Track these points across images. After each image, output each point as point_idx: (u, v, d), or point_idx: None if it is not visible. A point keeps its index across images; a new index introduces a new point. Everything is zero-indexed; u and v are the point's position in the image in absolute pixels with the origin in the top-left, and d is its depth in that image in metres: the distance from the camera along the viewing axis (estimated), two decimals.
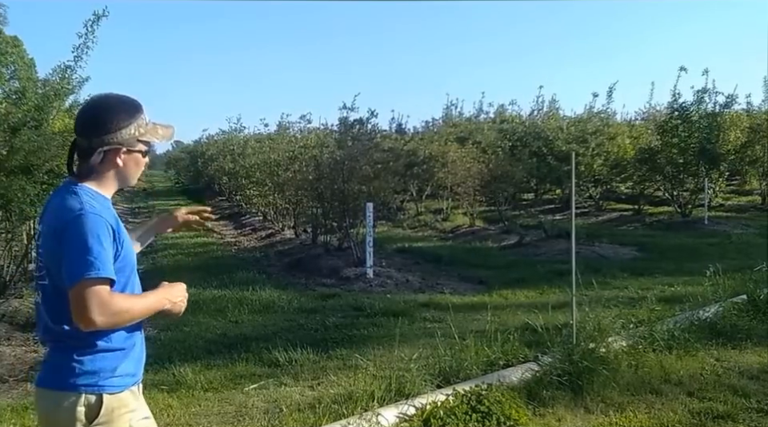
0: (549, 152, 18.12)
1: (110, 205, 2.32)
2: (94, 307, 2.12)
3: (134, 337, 2.34)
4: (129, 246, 2.32)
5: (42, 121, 8.40)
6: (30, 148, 7.83)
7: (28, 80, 9.64)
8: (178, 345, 6.63)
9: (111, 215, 2.25)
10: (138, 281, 2.40)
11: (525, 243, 13.60)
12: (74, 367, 2.22)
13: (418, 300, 8.69)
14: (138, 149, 2.35)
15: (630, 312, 7.06)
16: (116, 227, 2.23)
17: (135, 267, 2.38)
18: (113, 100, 2.41)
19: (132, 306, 2.21)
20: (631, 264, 11.11)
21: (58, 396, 2.24)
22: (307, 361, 6.00)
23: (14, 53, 20.98)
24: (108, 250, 2.15)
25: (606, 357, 5.30)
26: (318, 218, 13.16)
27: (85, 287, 2.11)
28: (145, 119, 2.36)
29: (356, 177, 11.50)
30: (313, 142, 14.53)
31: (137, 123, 2.33)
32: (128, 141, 2.31)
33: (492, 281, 10.01)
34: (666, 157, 16.73)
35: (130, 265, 2.32)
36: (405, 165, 16.91)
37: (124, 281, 2.27)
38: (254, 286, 9.21)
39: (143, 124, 2.35)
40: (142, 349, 2.42)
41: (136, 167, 2.39)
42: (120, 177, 2.37)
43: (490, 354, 5.62)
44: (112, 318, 2.15)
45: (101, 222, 2.17)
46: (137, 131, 2.33)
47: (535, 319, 6.32)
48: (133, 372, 2.32)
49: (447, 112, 27.81)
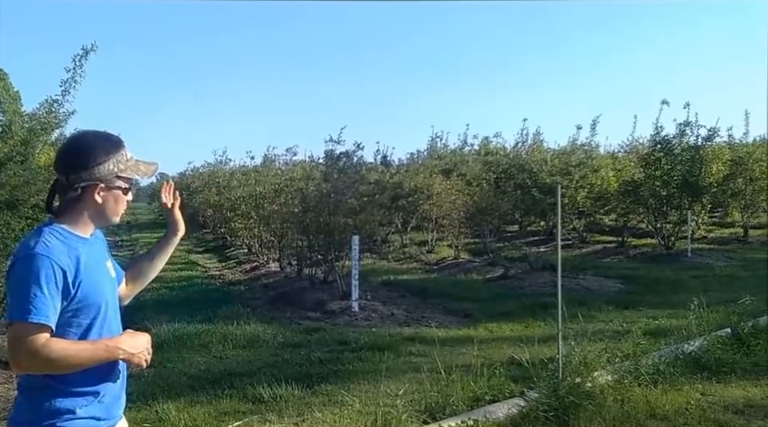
0: (533, 184, 18.20)
1: (81, 245, 2.26)
2: (22, 352, 2.10)
3: (107, 381, 2.29)
4: (93, 286, 2.25)
5: (28, 155, 8.36)
6: (15, 183, 7.76)
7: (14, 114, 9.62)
8: (161, 382, 6.55)
9: (69, 255, 2.19)
10: (113, 322, 2.35)
11: (510, 276, 13.60)
12: (35, 407, 2.21)
13: (404, 334, 8.66)
14: (117, 186, 2.32)
15: (616, 346, 7.06)
16: (72, 269, 2.17)
17: (109, 306, 2.32)
18: (91, 136, 2.41)
19: (69, 355, 2.14)
20: (616, 297, 11.13)
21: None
22: (292, 397, 5.95)
23: None
24: (49, 295, 2.10)
25: (592, 392, 5.30)
26: (303, 251, 13.13)
27: (16, 331, 2.09)
28: (125, 155, 2.34)
29: (342, 209, 11.51)
30: (299, 175, 14.56)
31: (115, 159, 2.30)
32: (106, 177, 2.28)
33: (477, 314, 9.99)
34: (649, 189, 16.86)
35: (95, 306, 2.25)
36: (390, 197, 16.94)
37: (87, 324, 2.23)
38: (239, 320, 9.13)
39: (123, 160, 2.33)
40: (119, 393, 2.37)
41: (116, 204, 2.35)
42: (99, 215, 2.33)
43: (476, 389, 5.61)
44: (43, 365, 2.12)
45: (46, 264, 2.11)
46: (116, 167, 2.30)
47: (521, 353, 6.32)
48: (100, 416, 2.28)
49: (432, 144, 27.93)
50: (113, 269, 2.49)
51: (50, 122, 8.63)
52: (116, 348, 2.24)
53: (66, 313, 2.17)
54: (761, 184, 18.75)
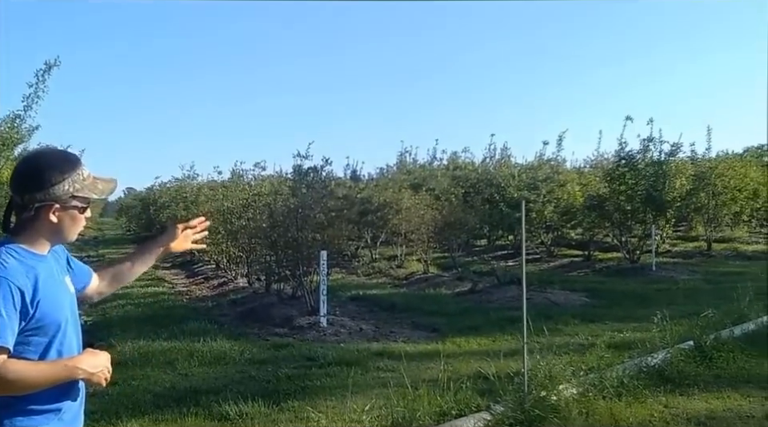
0: (501, 199, 18.37)
1: (38, 263, 2.24)
2: None
3: (67, 399, 2.28)
4: (52, 305, 2.23)
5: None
6: None
7: None
8: (126, 400, 6.46)
9: (27, 275, 2.17)
10: (73, 338, 2.33)
11: (478, 290, 13.66)
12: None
13: (372, 349, 8.64)
14: (73, 206, 2.29)
15: (581, 359, 7.13)
16: (30, 289, 2.15)
17: (68, 323, 2.30)
18: (47, 156, 2.40)
19: (27, 376, 2.13)
20: (582, 310, 11.23)
21: None
22: (258, 414, 5.91)
23: None
24: (7, 317, 2.07)
25: (557, 405, 5.35)
26: (271, 266, 13.07)
27: None
28: (81, 174, 2.30)
29: (310, 224, 11.49)
30: (267, 190, 14.50)
31: (71, 179, 2.26)
32: (61, 197, 2.25)
33: (445, 328, 10.01)
34: (614, 204, 17.09)
35: (54, 324, 2.23)
36: (359, 212, 16.99)
37: (46, 342, 2.21)
38: (206, 337, 9.05)
39: (79, 180, 2.28)
40: (78, 411, 2.36)
41: (72, 223, 2.31)
42: (55, 234, 2.30)
43: (442, 404, 5.62)
44: (1, 387, 2.11)
45: (4, 286, 2.10)
46: (71, 187, 2.26)
47: (488, 367, 6.36)
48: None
49: (401, 159, 28.13)
50: (71, 284, 2.46)
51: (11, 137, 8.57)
52: (75, 367, 2.22)
53: (25, 332, 2.15)
54: (723, 198, 19.10)
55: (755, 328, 8.28)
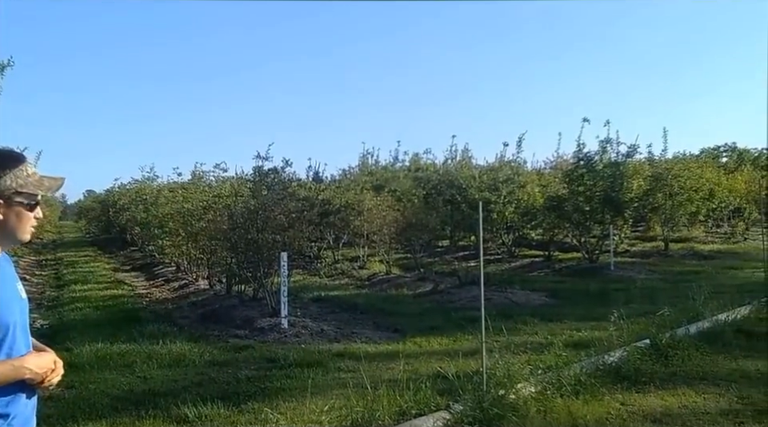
0: (462, 200, 18.48)
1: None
2: None
3: (16, 403, 2.25)
4: (2, 307, 2.21)
5: None
6: None
7: None
8: (83, 403, 6.37)
9: None
10: (22, 343, 2.29)
11: (439, 290, 13.74)
12: None
13: (333, 350, 8.64)
14: (18, 202, 2.26)
15: (539, 358, 7.21)
16: None
17: (17, 327, 2.27)
18: None
19: None
20: (541, 310, 11.35)
21: None
22: (218, 416, 5.87)
23: None
24: None
25: (516, 404, 5.41)
26: (232, 268, 12.98)
27: None
28: (25, 171, 2.27)
29: (270, 226, 11.43)
30: (227, 192, 14.41)
31: (13, 174, 2.24)
32: (3, 192, 2.23)
33: (407, 328, 10.05)
34: (573, 204, 17.30)
35: (3, 327, 2.20)
36: (319, 213, 16.94)
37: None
38: (165, 339, 8.97)
39: (22, 175, 2.26)
40: (29, 415, 2.33)
41: (20, 221, 2.28)
42: (2, 232, 2.27)
43: (402, 403, 5.64)
44: None
45: None
46: (14, 183, 2.23)
47: (447, 367, 6.40)
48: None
49: (363, 160, 28.16)
50: (23, 290, 2.43)
51: None
52: (22, 367, 2.20)
53: None
54: (680, 198, 19.44)
55: (710, 326, 8.45)
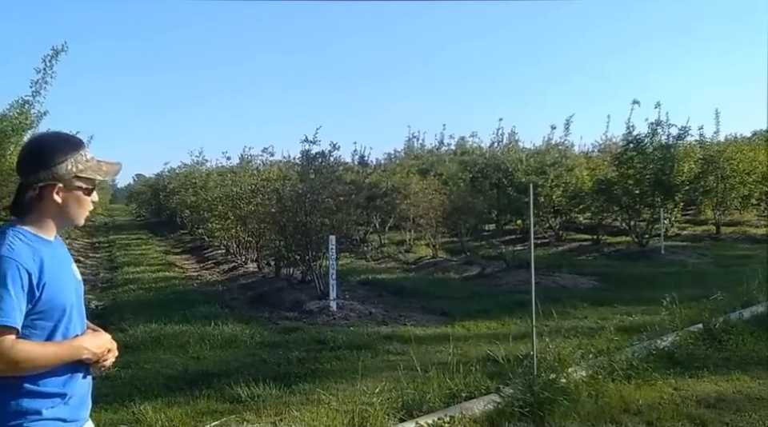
0: (509, 183, 18.32)
1: (44, 247, 2.27)
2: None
3: (72, 383, 2.30)
4: (57, 289, 2.25)
5: (0, 157, 8.32)
6: None
7: None
8: (138, 383, 6.54)
9: (33, 258, 2.20)
10: (77, 324, 2.34)
11: (486, 274, 13.71)
12: (1, 407, 2.21)
13: (381, 332, 8.70)
14: (77, 186, 2.31)
15: (590, 342, 7.16)
16: (36, 271, 2.18)
17: (73, 308, 2.32)
18: (51, 138, 2.43)
19: (35, 356, 2.16)
20: (590, 294, 11.25)
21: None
22: (269, 397, 5.96)
23: None
24: (16, 297, 2.11)
25: (567, 388, 5.37)
26: (280, 251, 13.12)
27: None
28: (84, 156, 2.32)
29: (318, 209, 11.52)
30: (275, 175, 14.54)
31: (74, 159, 2.29)
32: (63, 177, 2.27)
33: (454, 312, 10.06)
34: (622, 188, 17.05)
35: (59, 308, 2.25)
36: (367, 197, 17.01)
37: (51, 326, 2.23)
38: (216, 321, 9.13)
39: (82, 160, 2.31)
40: (85, 395, 2.38)
41: (78, 205, 2.34)
42: (61, 216, 2.33)
43: (452, 386, 5.66)
44: (8, 366, 2.14)
45: (12, 266, 2.13)
46: (74, 167, 2.28)
47: (497, 350, 6.39)
48: (66, 417, 2.27)
49: (409, 144, 28.09)
50: (78, 272, 2.49)
51: (21, 123, 8.59)
52: (80, 347, 2.26)
53: (31, 315, 2.18)
54: (732, 182, 19.02)
55: (764, 310, 8.27)
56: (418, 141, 28.28)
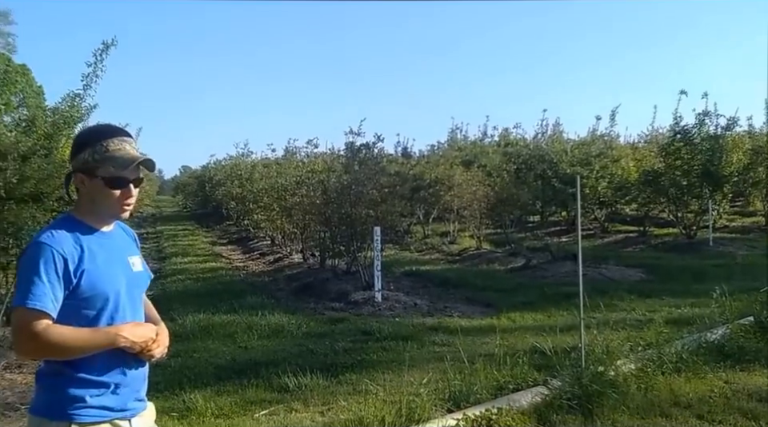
0: (553, 175, 18.21)
1: (91, 235, 2.30)
2: (23, 337, 2.16)
3: (120, 373, 2.30)
4: (100, 277, 2.26)
5: (52, 149, 8.49)
6: (40, 176, 7.92)
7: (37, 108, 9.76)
8: (188, 372, 6.65)
9: (74, 245, 2.22)
10: (129, 314, 2.34)
11: (531, 266, 13.62)
12: (48, 393, 2.26)
13: (427, 323, 8.72)
14: (97, 176, 2.28)
15: (638, 334, 7.08)
16: (75, 258, 2.20)
17: (122, 298, 2.32)
18: (87, 128, 2.51)
19: (68, 340, 2.15)
20: (638, 286, 11.11)
21: (32, 421, 2.28)
22: (317, 387, 6.02)
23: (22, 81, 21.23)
24: (48, 283, 2.13)
25: (616, 380, 5.33)
26: (325, 242, 13.21)
27: (17, 316, 2.15)
28: (105, 146, 2.28)
29: (363, 201, 11.58)
30: (320, 167, 14.62)
31: (92, 149, 2.28)
32: (82, 167, 2.29)
33: (500, 303, 10.03)
34: (670, 179, 16.77)
35: (102, 296, 2.25)
36: (411, 188, 17.01)
37: (93, 314, 2.23)
38: (263, 311, 9.24)
39: (100, 151, 2.28)
40: (137, 386, 2.37)
41: (102, 196, 2.30)
42: (93, 205, 2.33)
43: (499, 378, 5.66)
44: (42, 350, 2.18)
45: (47, 252, 2.15)
46: (90, 157, 2.28)
47: (543, 342, 6.36)
48: (113, 406, 2.28)
49: (452, 135, 28.02)
50: (141, 264, 2.50)
51: (72, 116, 8.74)
52: (116, 335, 2.22)
53: (73, 302, 2.20)
54: None
55: None
56: (461, 132, 28.21)
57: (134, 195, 2.36)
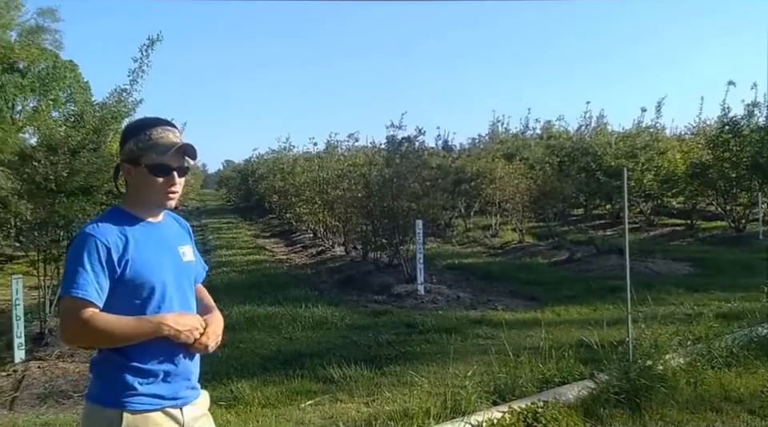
0: (598, 167, 17.98)
1: (138, 225, 2.32)
2: (69, 325, 2.20)
3: (172, 361, 2.30)
4: (146, 266, 2.27)
5: (100, 143, 8.66)
6: (89, 169, 8.09)
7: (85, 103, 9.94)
8: (235, 362, 6.74)
9: (120, 235, 2.24)
10: (177, 303, 2.34)
11: (575, 259, 13.49)
12: (99, 382, 2.30)
13: (470, 316, 8.70)
14: (141, 165, 2.30)
15: (687, 328, 6.95)
16: (119, 247, 2.22)
17: (168, 288, 2.32)
18: (136, 119, 2.54)
19: (112, 327, 2.16)
20: (686, 279, 10.92)
21: (87, 408, 2.33)
22: (361, 378, 6.06)
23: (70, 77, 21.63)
24: (92, 272, 2.16)
25: (664, 375, 5.24)
26: (367, 235, 13.25)
27: (64, 305, 2.18)
28: (147, 135, 2.31)
29: (405, 194, 11.58)
30: (361, 160, 14.65)
31: (136, 139, 2.31)
32: (128, 156, 2.32)
33: (544, 297, 9.96)
34: (718, 171, 16.46)
35: (148, 285, 2.26)
36: (453, 181, 16.95)
37: (139, 303, 2.24)
38: (307, 303, 9.32)
39: (144, 139, 2.30)
40: (188, 374, 2.37)
41: (147, 184, 2.31)
42: (139, 195, 2.35)
43: (545, 371, 5.60)
44: (87, 338, 2.22)
45: (91, 242, 2.18)
46: (135, 146, 2.30)
47: (590, 336, 6.28)
48: (165, 394, 2.29)
49: (493, 128, 27.76)
50: (192, 254, 2.51)
51: (119, 111, 8.89)
52: (160, 323, 2.21)
53: (120, 290, 2.22)
54: None
55: None
56: (503, 125, 27.96)
57: (177, 183, 2.36)
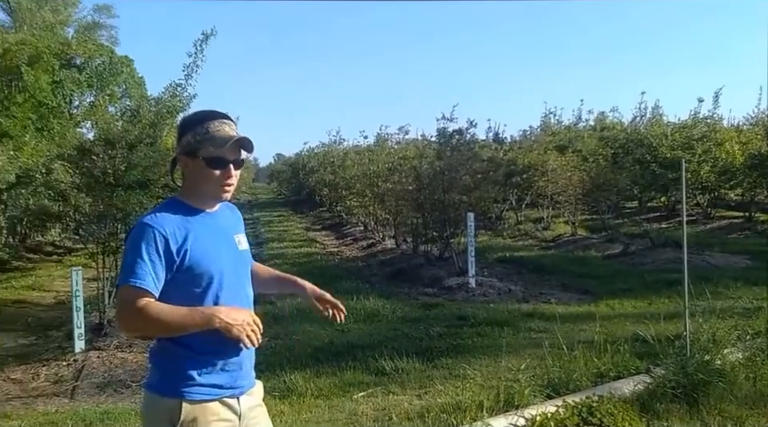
0: (653, 159, 17.62)
1: (195, 216, 2.34)
2: (125, 314, 2.24)
3: (229, 351, 2.31)
4: (204, 256, 2.29)
5: (156, 137, 8.82)
6: (146, 163, 8.26)
7: (141, 98, 10.12)
8: (288, 353, 6.82)
9: (178, 225, 2.27)
10: (233, 293, 2.36)
11: (630, 252, 13.27)
12: (158, 371, 2.34)
13: (522, 309, 8.63)
14: (198, 157, 2.32)
15: (746, 323, 6.79)
16: (178, 237, 2.24)
17: (225, 278, 2.33)
18: (193, 112, 2.53)
19: (165, 317, 2.16)
20: (744, 273, 10.64)
21: (147, 397, 2.37)
22: (413, 370, 6.07)
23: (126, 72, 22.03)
24: (150, 261, 2.18)
25: (722, 370, 5.13)
26: (418, 228, 13.24)
27: (121, 294, 2.22)
28: (205, 128, 2.33)
29: (456, 187, 11.54)
30: (412, 153, 14.64)
31: (194, 132, 2.33)
32: (185, 148, 2.34)
33: (597, 290, 9.83)
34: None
35: (206, 275, 2.28)
36: (504, 174, 16.82)
37: (198, 292, 2.27)
38: (358, 295, 9.35)
39: (201, 132, 2.33)
40: (246, 364, 2.40)
41: (203, 176, 2.33)
42: (195, 186, 2.37)
43: (599, 365, 5.54)
44: (142, 326, 2.24)
45: (149, 232, 2.20)
46: (192, 139, 2.33)
47: (645, 330, 6.18)
48: (223, 384, 2.31)
49: (545, 120, 27.41)
50: (246, 243, 2.55)
51: (174, 106, 9.04)
52: (212, 315, 2.20)
53: (179, 280, 2.25)
54: None
55: None
56: (555, 117, 27.59)
57: (233, 176, 2.37)
